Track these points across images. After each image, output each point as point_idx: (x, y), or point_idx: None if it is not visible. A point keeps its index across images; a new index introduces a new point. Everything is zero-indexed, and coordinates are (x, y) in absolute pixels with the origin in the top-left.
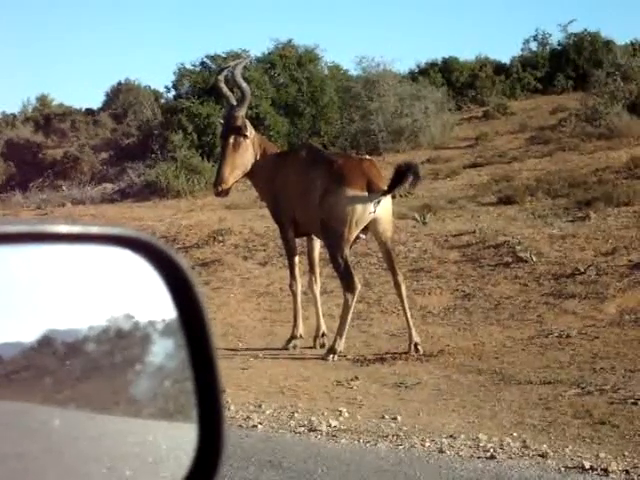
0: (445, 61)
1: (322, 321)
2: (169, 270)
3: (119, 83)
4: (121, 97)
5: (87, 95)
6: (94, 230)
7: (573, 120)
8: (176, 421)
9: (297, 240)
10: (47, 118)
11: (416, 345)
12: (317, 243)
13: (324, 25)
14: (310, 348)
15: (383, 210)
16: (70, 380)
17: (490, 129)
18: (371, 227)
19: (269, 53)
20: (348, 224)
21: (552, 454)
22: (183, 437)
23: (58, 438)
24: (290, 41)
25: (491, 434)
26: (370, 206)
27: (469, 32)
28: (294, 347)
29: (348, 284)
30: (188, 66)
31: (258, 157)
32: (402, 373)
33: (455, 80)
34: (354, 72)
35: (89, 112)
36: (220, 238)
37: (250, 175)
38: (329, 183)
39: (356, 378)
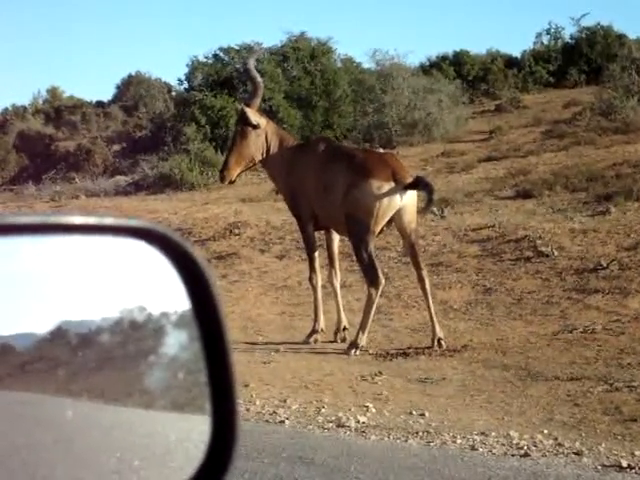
0: (456, 54)
1: (343, 315)
2: (184, 263)
3: (130, 75)
4: (132, 89)
5: (97, 87)
6: (109, 221)
7: (588, 114)
8: (189, 413)
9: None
10: (57, 110)
11: (439, 340)
12: (336, 236)
13: (335, 18)
14: (331, 342)
15: (409, 200)
16: (83, 371)
17: (504, 123)
18: (396, 219)
19: (282, 46)
20: (375, 216)
21: (587, 452)
22: (194, 429)
23: (70, 428)
24: (303, 33)
25: (522, 431)
26: (397, 197)
27: (479, 26)
28: (315, 341)
29: (372, 278)
30: (201, 58)
31: (273, 148)
32: (426, 368)
33: (466, 74)
34: (367, 65)
35: (99, 104)
36: (236, 231)
37: (266, 167)
38: (353, 177)
39: (380, 373)
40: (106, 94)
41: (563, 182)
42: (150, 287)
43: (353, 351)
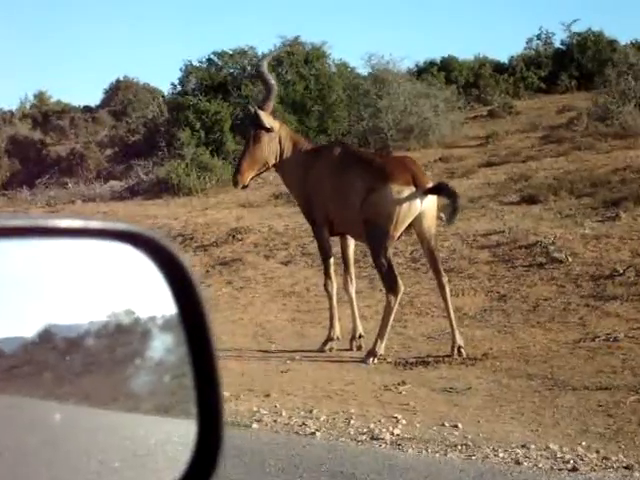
0: (444, 60)
1: (358, 322)
2: (170, 266)
3: (118, 80)
4: (120, 94)
5: (85, 92)
6: (95, 225)
7: (585, 119)
8: (172, 417)
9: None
10: (45, 115)
11: (459, 348)
12: (351, 242)
13: (326, 23)
14: (347, 350)
15: (429, 205)
16: (70, 375)
17: (499, 128)
18: (416, 224)
19: (277, 50)
20: (394, 221)
21: (637, 466)
22: (175, 432)
23: (55, 432)
24: (297, 38)
25: (561, 443)
26: (417, 201)
27: (465, 32)
28: (330, 349)
29: (391, 285)
30: (195, 63)
31: (287, 152)
32: (449, 377)
33: (454, 79)
34: (361, 70)
35: (87, 109)
36: (239, 236)
37: (279, 171)
38: (372, 182)
39: (403, 383)
40: (94, 99)
41: (568, 187)
42: (137, 291)
43: (371, 359)
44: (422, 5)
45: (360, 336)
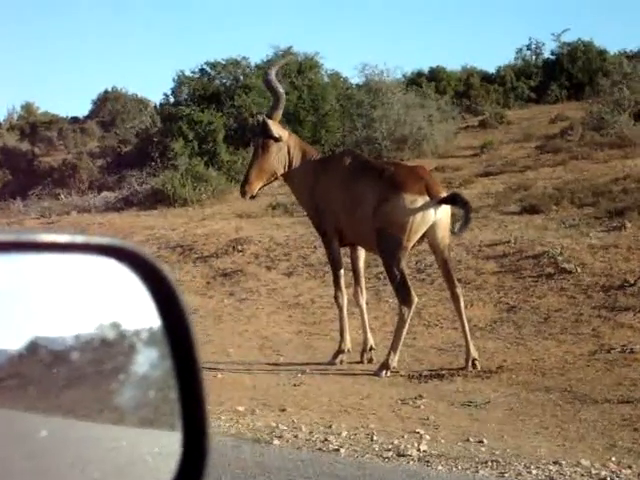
0: (432, 71)
1: (369, 334)
2: (154, 280)
3: (106, 91)
4: (108, 105)
5: (73, 103)
6: (80, 240)
7: (579, 129)
8: (156, 429)
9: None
10: (33, 126)
11: (474, 361)
12: (362, 252)
13: (318, 33)
14: (357, 363)
15: (443, 215)
16: (55, 388)
17: (492, 138)
18: (429, 234)
19: (269, 60)
20: (407, 231)
21: None
22: (161, 444)
23: (39, 444)
24: (290, 48)
25: (591, 459)
26: (431, 211)
27: (453, 43)
28: (341, 362)
29: (404, 297)
30: (187, 73)
31: (296, 162)
32: (466, 391)
33: (443, 90)
34: (354, 80)
35: (75, 120)
36: (239, 247)
37: (288, 181)
38: (384, 191)
39: (420, 397)
40: (82, 110)
41: (569, 197)
42: (122, 305)
43: (384, 372)
44: (410, 16)
45: (371, 348)
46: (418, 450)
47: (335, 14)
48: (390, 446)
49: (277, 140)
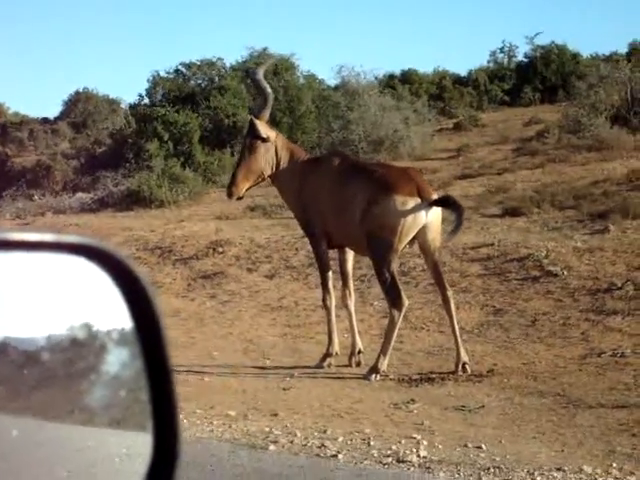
0: (404, 73)
1: (358, 338)
2: (124, 278)
3: (77, 92)
4: (80, 106)
5: (43, 104)
6: (49, 238)
7: (556, 132)
8: (126, 429)
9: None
10: (3, 127)
11: (464, 365)
12: (350, 255)
13: (293, 34)
14: (345, 366)
15: (434, 217)
16: (26, 388)
17: (467, 140)
18: (420, 236)
19: (244, 61)
20: (398, 234)
21: None
22: (131, 445)
23: (8, 444)
24: (265, 49)
25: (592, 465)
26: (422, 213)
27: (424, 45)
28: (329, 365)
29: (394, 300)
30: (162, 74)
31: (284, 163)
32: (458, 395)
33: (416, 92)
34: (330, 82)
35: (45, 121)
36: (220, 249)
37: (275, 182)
38: (374, 193)
39: (413, 401)
40: (52, 111)
41: (549, 200)
42: (93, 304)
43: (373, 376)
44: (382, 19)
45: (359, 352)
46: (418, 456)
47: (310, 15)
48: (389, 452)
49: (265, 140)
